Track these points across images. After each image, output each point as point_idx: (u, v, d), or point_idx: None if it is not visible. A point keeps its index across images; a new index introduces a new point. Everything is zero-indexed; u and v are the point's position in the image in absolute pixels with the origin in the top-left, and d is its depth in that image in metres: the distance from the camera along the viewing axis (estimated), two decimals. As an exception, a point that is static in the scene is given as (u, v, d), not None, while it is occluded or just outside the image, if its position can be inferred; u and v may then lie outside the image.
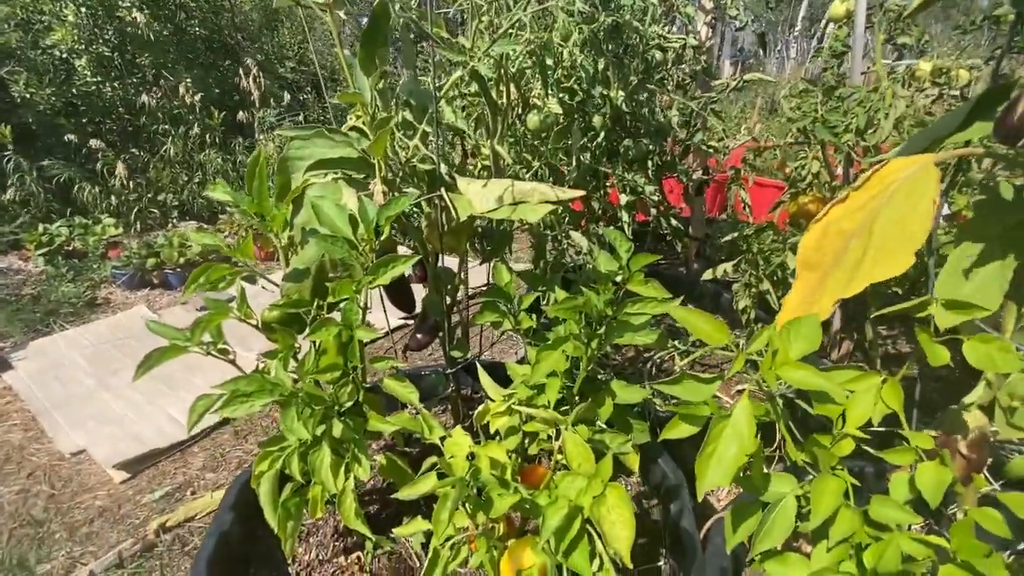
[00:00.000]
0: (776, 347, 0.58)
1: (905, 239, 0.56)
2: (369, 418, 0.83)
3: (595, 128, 1.44)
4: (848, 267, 0.61)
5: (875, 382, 0.64)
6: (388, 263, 0.80)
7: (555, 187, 0.85)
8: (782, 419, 0.71)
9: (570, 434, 0.65)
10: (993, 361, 0.57)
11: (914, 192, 0.56)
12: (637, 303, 0.84)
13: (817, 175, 1.23)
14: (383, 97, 0.92)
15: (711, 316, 0.59)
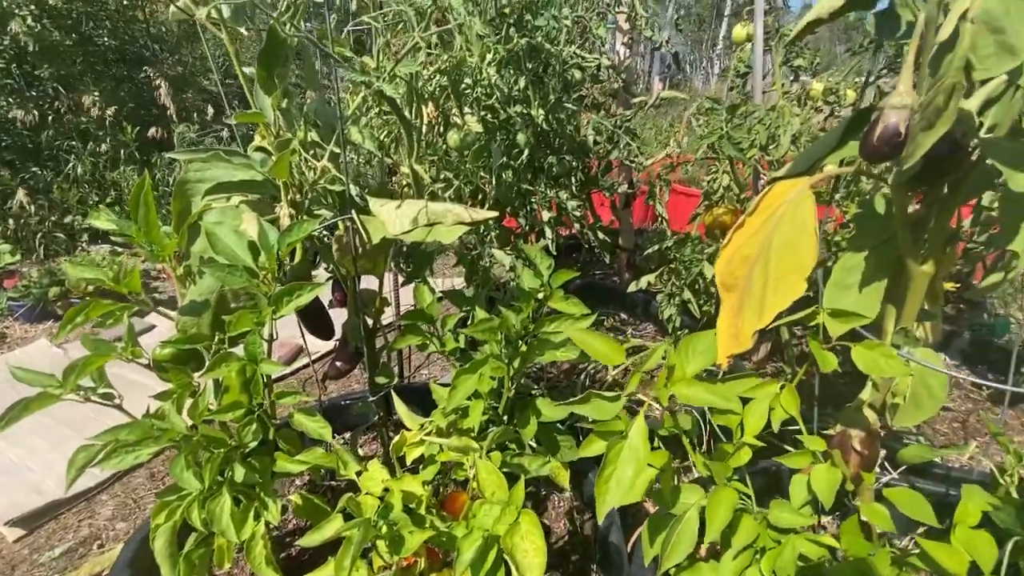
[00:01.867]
0: (673, 363, 0.59)
1: (797, 264, 0.59)
2: (277, 458, 0.78)
3: (519, 145, 1.45)
4: (756, 296, 0.62)
5: (773, 390, 0.66)
6: (292, 291, 0.76)
7: (469, 208, 0.84)
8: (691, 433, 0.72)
9: (483, 462, 0.64)
10: (878, 365, 0.61)
11: (797, 217, 0.59)
12: (554, 321, 0.85)
13: (728, 188, 1.30)
14: (287, 117, 0.88)
15: (607, 337, 0.59)
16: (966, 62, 0.43)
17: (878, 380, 0.76)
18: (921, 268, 0.66)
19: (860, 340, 0.66)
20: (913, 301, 0.69)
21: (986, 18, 0.41)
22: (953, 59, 0.43)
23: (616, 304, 2.30)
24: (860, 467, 0.78)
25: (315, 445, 0.85)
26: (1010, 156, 0.51)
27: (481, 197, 1.28)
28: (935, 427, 1.41)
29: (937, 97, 0.45)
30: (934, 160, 0.59)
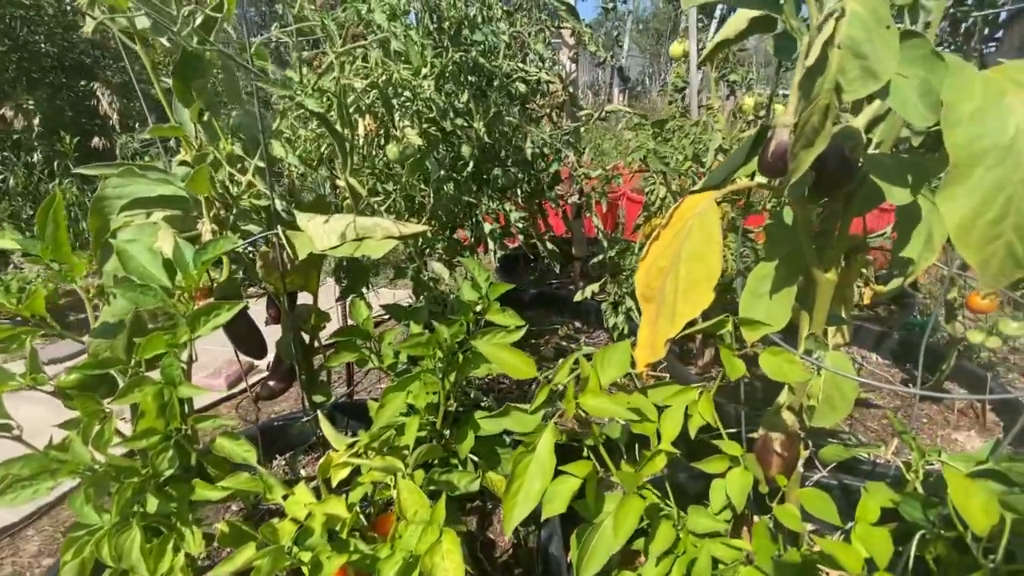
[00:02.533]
0: (587, 374, 0.60)
1: (706, 274, 0.61)
2: (195, 485, 0.74)
3: (465, 158, 1.45)
4: (669, 305, 0.64)
5: (691, 397, 0.68)
6: (211, 311, 0.73)
7: (399, 222, 0.84)
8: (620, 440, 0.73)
9: (404, 482, 0.63)
10: (782, 371, 0.63)
11: (705, 229, 0.61)
12: (487, 333, 0.85)
13: (664, 198, 1.34)
14: (209, 130, 0.86)
15: (518, 351, 0.60)
16: (836, 84, 0.46)
17: (794, 384, 0.79)
18: (826, 276, 0.70)
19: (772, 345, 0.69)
20: (821, 308, 0.72)
21: (850, 44, 0.44)
22: (824, 82, 0.46)
23: (570, 313, 2.32)
24: (782, 469, 0.81)
25: (244, 470, 0.82)
26: (888, 171, 0.54)
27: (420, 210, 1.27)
28: (865, 423, 1.48)
29: (812, 117, 0.48)
30: (827, 174, 0.62)
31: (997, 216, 0.45)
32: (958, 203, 0.45)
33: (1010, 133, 0.43)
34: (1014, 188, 0.44)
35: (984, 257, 0.46)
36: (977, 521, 0.45)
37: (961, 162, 0.44)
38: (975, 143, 0.44)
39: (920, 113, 0.46)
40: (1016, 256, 0.45)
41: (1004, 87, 0.44)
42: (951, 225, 0.45)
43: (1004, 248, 0.46)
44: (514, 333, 0.84)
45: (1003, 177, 0.44)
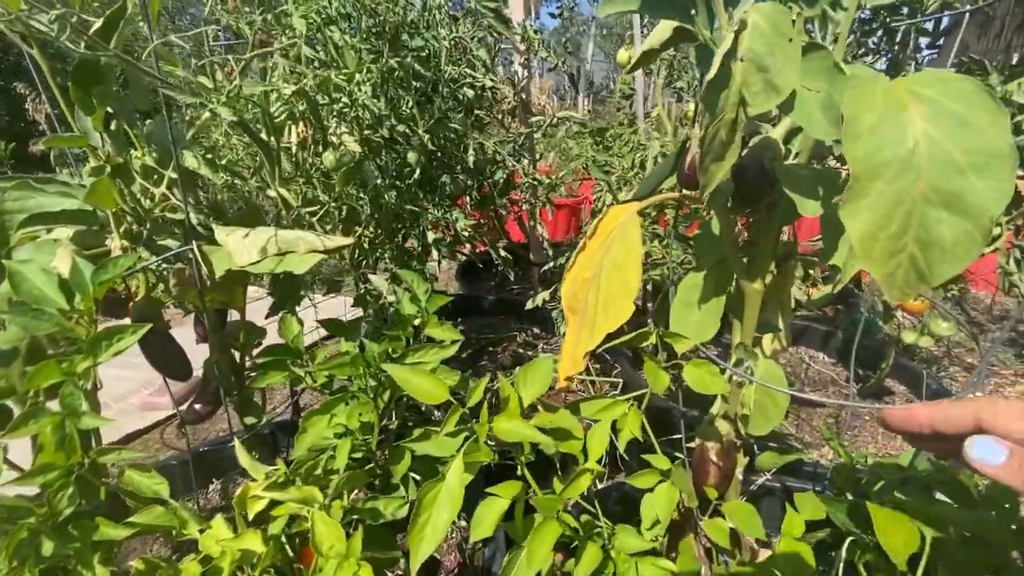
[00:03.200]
0: (507, 394, 0.58)
1: (624, 287, 0.59)
2: (99, 523, 0.69)
3: (411, 165, 1.42)
4: (591, 317, 0.63)
5: (620, 411, 0.67)
6: (112, 335, 0.68)
7: (324, 235, 0.80)
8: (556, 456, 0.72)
9: (318, 513, 0.59)
10: (706, 383, 0.63)
11: (626, 240, 0.60)
12: (419, 350, 0.82)
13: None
14: (117, 140, 0.80)
15: (430, 374, 0.57)
16: (741, 98, 0.45)
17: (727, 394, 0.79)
18: (752, 286, 0.70)
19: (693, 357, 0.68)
20: (750, 317, 0.72)
21: (752, 57, 0.44)
22: (729, 95, 0.45)
23: (529, 319, 2.31)
24: (719, 478, 0.80)
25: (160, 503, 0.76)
26: (801, 183, 0.54)
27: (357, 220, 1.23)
28: (811, 423, 1.51)
29: (720, 131, 0.47)
30: (747, 185, 0.62)
31: (899, 230, 0.45)
32: (860, 217, 0.45)
33: (909, 145, 0.43)
34: (913, 202, 0.44)
35: (888, 271, 0.46)
36: (898, 553, 0.44)
37: (862, 176, 0.44)
38: (874, 156, 0.44)
39: (823, 127, 0.46)
40: (919, 269, 0.45)
41: (903, 99, 0.44)
42: (855, 239, 0.45)
43: (908, 261, 0.46)
44: (448, 348, 0.82)
45: (903, 190, 0.44)
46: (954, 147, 0.42)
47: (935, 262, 0.44)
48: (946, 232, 0.43)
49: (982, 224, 0.43)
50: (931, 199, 0.43)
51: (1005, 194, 0.42)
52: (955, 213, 0.43)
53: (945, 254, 0.43)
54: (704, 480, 0.76)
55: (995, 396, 0.49)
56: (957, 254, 0.43)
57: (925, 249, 0.44)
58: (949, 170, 0.42)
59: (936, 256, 0.44)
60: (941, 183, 0.42)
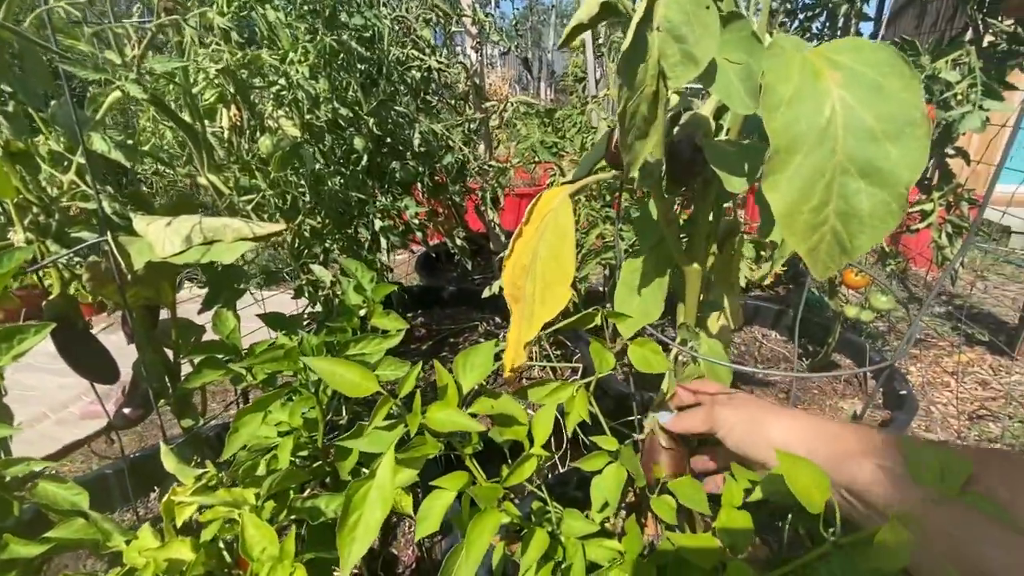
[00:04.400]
0: (444, 382, 0.56)
1: (560, 274, 0.58)
2: (7, 541, 0.64)
3: (358, 151, 1.37)
4: (530, 305, 0.61)
5: (568, 393, 0.66)
6: (12, 336, 0.62)
7: (253, 222, 0.76)
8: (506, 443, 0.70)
9: (249, 516, 0.56)
10: (648, 362, 0.62)
11: (559, 226, 0.59)
12: (360, 341, 0.79)
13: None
14: (16, 123, 0.74)
15: (357, 366, 0.55)
16: (660, 70, 0.44)
17: (676, 373, 0.79)
18: (692, 266, 0.69)
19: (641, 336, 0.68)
20: (691, 297, 0.72)
21: (669, 27, 0.42)
22: (648, 68, 0.44)
23: (490, 308, 2.29)
24: (671, 459, 0.81)
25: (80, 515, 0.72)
26: (727, 159, 0.53)
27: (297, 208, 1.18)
28: (764, 398, 1.55)
29: (641, 106, 0.46)
30: (679, 163, 0.61)
31: (820, 203, 0.45)
32: (781, 191, 0.44)
33: (826, 115, 0.43)
34: (832, 173, 0.44)
35: (811, 246, 0.46)
36: (811, 499, 0.45)
37: (781, 148, 0.44)
38: (792, 127, 0.43)
39: (742, 99, 0.45)
40: (841, 242, 0.45)
41: (820, 68, 0.44)
42: (777, 214, 0.45)
43: (830, 234, 0.46)
44: (392, 338, 0.79)
45: (822, 162, 0.44)
46: (868, 114, 0.42)
47: (855, 234, 0.44)
48: (864, 202, 0.44)
49: (898, 193, 0.43)
50: (849, 169, 0.43)
51: (919, 162, 0.42)
52: (872, 183, 0.43)
53: (864, 225, 0.43)
54: (655, 458, 0.76)
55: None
56: (875, 225, 0.43)
57: (846, 221, 0.44)
58: (864, 138, 0.42)
59: (855, 228, 0.44)
60: (857, 152, 0.42)
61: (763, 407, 0.61)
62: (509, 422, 0.59)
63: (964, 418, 1.93)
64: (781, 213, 0.44)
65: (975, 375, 2.20)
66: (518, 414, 0.59)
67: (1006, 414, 1.93)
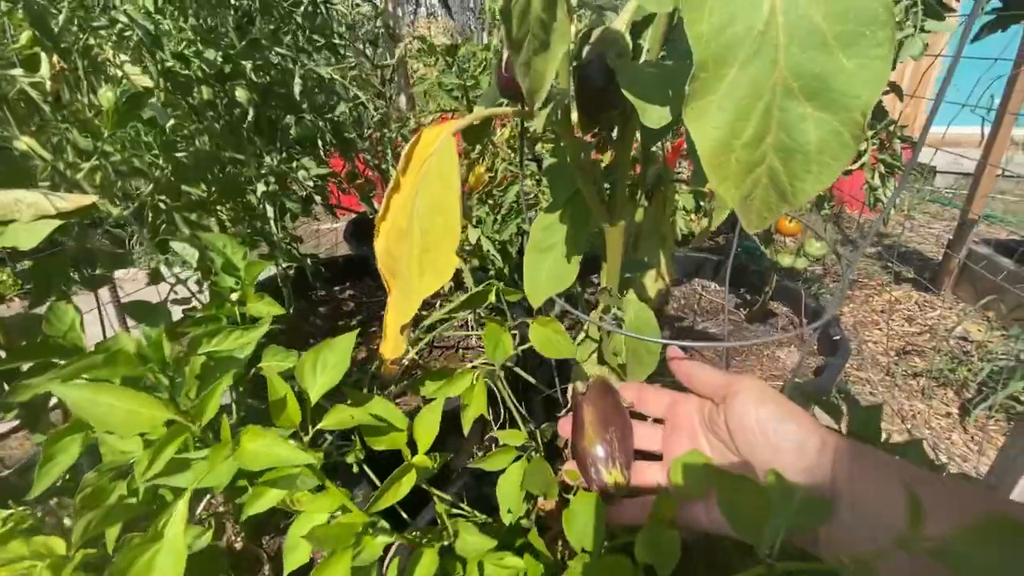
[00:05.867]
0: (280, 394, 0.44)
1: (445, 234, 0.45)
2: None
3: (241, 104, 1.17)
4: (408, 278, 0.48)
5: (465, 383, 0.55)
6: None
7: (56, 195, 0.59)
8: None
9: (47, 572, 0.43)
10: (552, 345, 0.52)
11: (442, 173, 0.45)
12: (218, 336, 0.64)
13: (486, 145, 1.18)
14: None
15: (125, 391, 0.42)
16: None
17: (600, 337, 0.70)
18: (612, 221, 0.59)
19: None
20: (613, 257, 0.62)
21: None
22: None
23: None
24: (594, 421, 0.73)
25: None
26: (642, 84, 0.42)
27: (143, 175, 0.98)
28: (704, 354, 1.52)
29: (532, 4, 0.33)
30: (590, 92, 0.49)
31: (756, 134, 0.34)
32: (710, 120, 0.33)
33: (764, 14, 0.32)
34: (772, 93, 0.33)
35: (744, 193, 0.35)
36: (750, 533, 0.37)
37: (709, 61, 0.32)
38: (724, 31, 0.32)
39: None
40: (781, 187, 0.35)
41: (754, -47, 0.32)
42: (704, 152, 0.34)
43: (766, 177, 0.35)
44: (258, 328, 0.65)
45: (759, 78, 0.33)
46: (817, 10, 0.31)
47: (798, 174, 0.34)
48: (811, 133, 0.33)
49: (853, 120, 0.33)
50: (792, 88, 0.33)
51: (881, 76, 0.32)
52: (821, 106, 0.33)
53: (810, 163, 0.33)
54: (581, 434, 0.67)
55: (748, 376, 0.48)
56: (823, 163, 0.33)
57: (787, 159, 0.34)
58: (812, 45, 0.31)
59: (799, 167, 0.33)
60: (803, 64, 0.32)
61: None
62: (382, 429, 0.48)
63: (893, 354, 2.00)
64: (708, 151, 0.34)
65: (902, 312, 2.29)
66: (393, 418, 0.48)
67: (931, 347, 2.02)
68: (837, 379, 1.44)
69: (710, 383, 0.51)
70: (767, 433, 0.44)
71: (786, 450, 0.43)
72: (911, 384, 1.87)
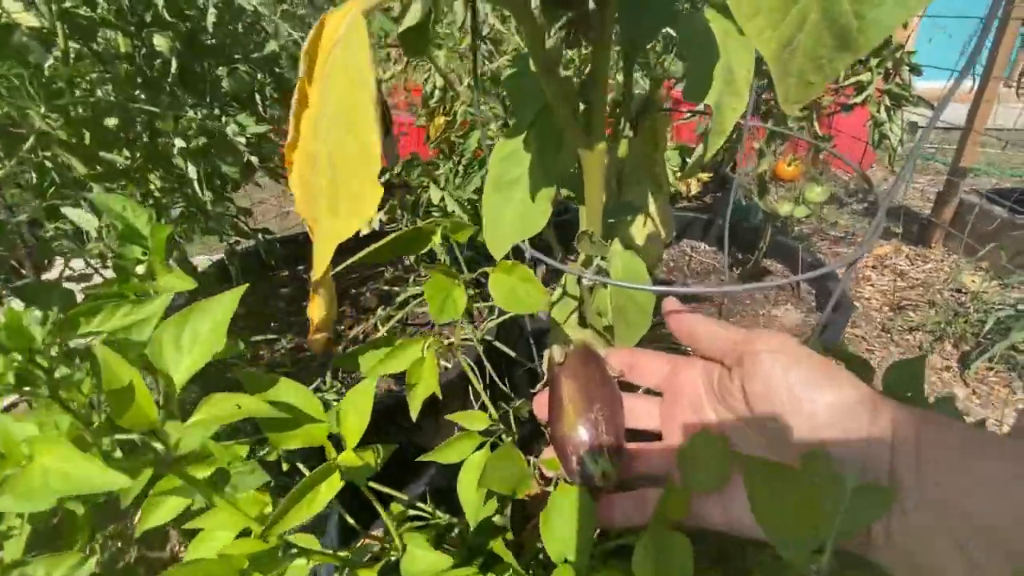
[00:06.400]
0: (126, 379, 0.32)
1: (362, 155, 0.32)
2: None
3: (162, 53, 1.01)
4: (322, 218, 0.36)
5: (413, 354, 0.43)
6: None
7: None
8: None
9: None
10: (518, 298, 0.40)
11: (351, 68, 0.32)
12: (99, 314, 0.51)
13: (444, 89, 1.04)
14: None
15: None
16: None
17: (583, 296, 0.59)
18: (591, 146, 0.46)
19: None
20: (593, 194, 0.50)
21: None
22: None
23: (397, 249, 2.01)
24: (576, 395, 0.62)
25: None
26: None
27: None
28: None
29: None
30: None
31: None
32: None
33: None
34: None
35: (784, 36, 0.23)
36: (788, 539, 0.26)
37: None
38: None
39: None
40: (839, 20, 0.23)
41: None
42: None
43: (817, 10, 0.23)
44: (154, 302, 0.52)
45: None
46: None
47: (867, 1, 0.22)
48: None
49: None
50: None
51: None
52: None
53: (887, -27, 0.21)
54: (560, 414, 0.55)
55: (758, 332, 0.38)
56: (910, -33, 0.21)
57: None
58: None
59: (870, -19, 0.22)
60: None
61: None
62: (290, 422, 0.36)
63: (887, 310, 1.94)
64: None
65: (894, 267, 2.22)
66: (307, 405, 0.36)
67: (925, 301, 1.95)
68: (841, 337, 1.36)
69: (720, 341, 0.40)
70: (801, 401, 0.33)
71: (828, 423, 0.32)
72: (908, 339, 1.80)
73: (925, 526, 0.27)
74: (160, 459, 0.32)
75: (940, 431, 0.30)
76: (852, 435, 0.31)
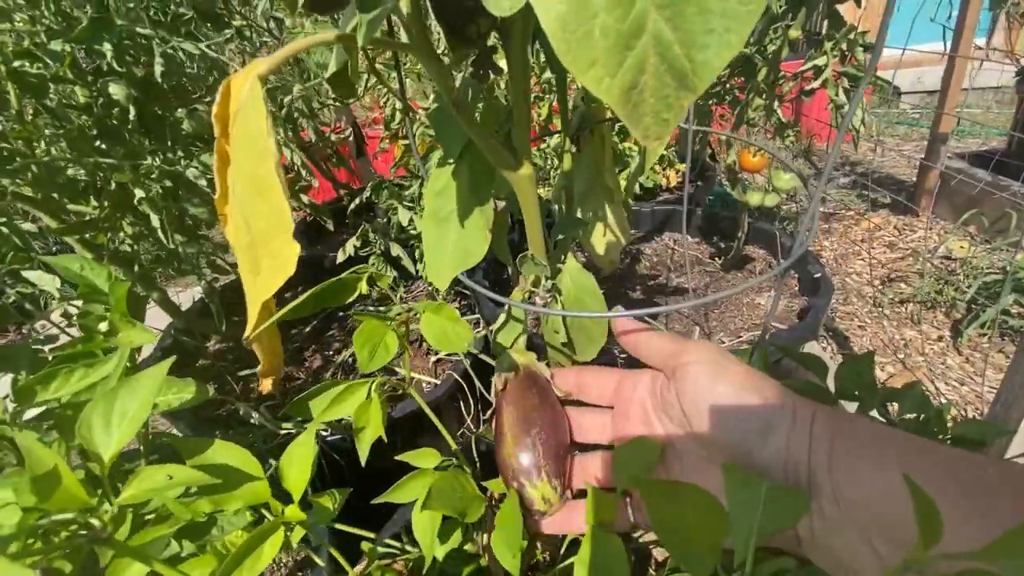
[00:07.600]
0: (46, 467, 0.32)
1: (273, 217, 0.33)
2: None
3: (120, 102, 1.02)
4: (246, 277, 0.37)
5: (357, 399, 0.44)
6: None
7: None
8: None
9: None
10: (447, 338, 0.41)
11: (249, 137, 0.33)
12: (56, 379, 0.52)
13: (403, 111, 1.05)
14: None
15: None
16: None
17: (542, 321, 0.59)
18: (520, 170, 0.47)
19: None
20: (531, 217, 0.50)
21: None
22: None
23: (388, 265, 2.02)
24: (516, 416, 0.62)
25: None
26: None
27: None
28: (682, 313, 1.42)
29: None
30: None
31: (632, -11, 0.22)
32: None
33: None
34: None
35: (626, 83, 0.24)
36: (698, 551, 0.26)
37: None
38: None
39: None
40: (675, 63, 0.23)
41: None
42: (548, 24, 0.22)
43: (654, 50, 0.23)
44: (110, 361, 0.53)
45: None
46: None
47: (696, 38, 0.22)
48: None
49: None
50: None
51: None
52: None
53: (710, 16, 0.22)
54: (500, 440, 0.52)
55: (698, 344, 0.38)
56: (730, 10, 0.22)
57: (676, 15, 0.22)
58: None
59: (697, 24, 0.22)
60: None
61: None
62: (228, 484, 0.36)
63: (878, 283, 1.93)
64: (556, 20, 0.22)
65: (882, 239, 2.21)
66: (244, 463, 0.37)
67: (915, 271, 1.94)
68: (823, 319, 1.36)
69: (659, 352, 0.40)
70: (727, 410, 0.34)
71: (752, 430, 0.33)
72: (899, 311, 1.79)
73: (839, 524, 0.29)
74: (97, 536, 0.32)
75: (852, 435, 0.30)
76: (774, 441, 0.32)
